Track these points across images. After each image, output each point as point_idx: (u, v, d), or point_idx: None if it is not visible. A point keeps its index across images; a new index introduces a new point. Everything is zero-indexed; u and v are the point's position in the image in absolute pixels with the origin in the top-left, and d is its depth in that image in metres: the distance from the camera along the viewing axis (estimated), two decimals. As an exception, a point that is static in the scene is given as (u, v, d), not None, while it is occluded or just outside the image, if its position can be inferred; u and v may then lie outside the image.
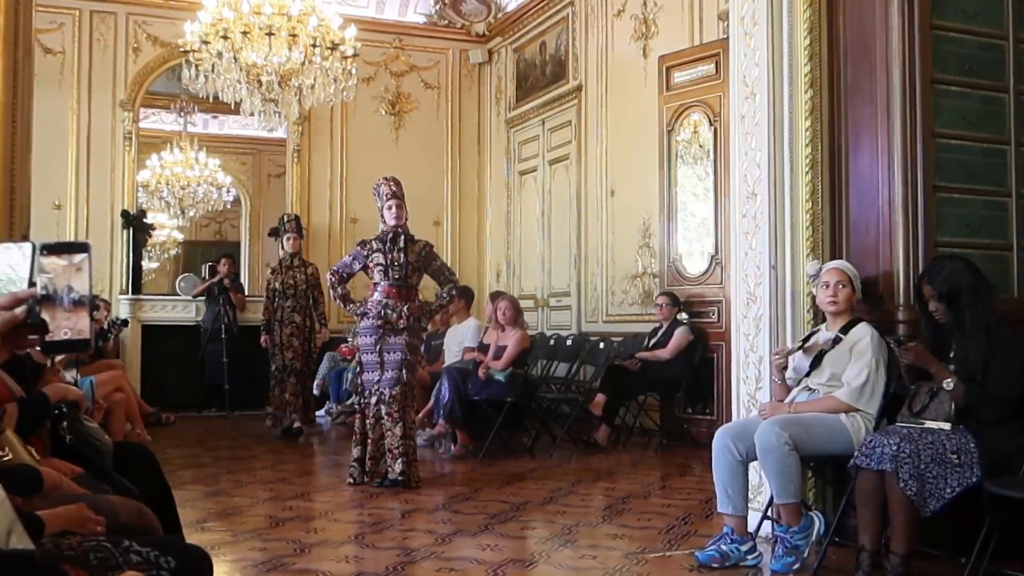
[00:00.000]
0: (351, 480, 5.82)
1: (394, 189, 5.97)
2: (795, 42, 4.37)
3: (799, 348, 4.07)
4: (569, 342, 9.00)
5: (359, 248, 6.05)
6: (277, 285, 8.45)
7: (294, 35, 7.46)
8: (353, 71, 8.06)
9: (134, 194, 10.71)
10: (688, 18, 8.50)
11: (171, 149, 11.91)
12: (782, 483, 3.72)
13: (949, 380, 3.52)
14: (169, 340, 10.45)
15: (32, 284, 1.48)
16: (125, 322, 9.71)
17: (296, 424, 8.27)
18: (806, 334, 4.19)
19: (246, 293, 11.23)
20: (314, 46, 7.56)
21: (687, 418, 7.85)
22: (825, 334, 4.07)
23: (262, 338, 8.46)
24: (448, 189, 11.79)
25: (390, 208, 5.91)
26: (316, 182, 11.31)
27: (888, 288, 4.13)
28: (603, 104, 9.79)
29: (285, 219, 8.79)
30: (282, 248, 8.75)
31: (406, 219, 6.01)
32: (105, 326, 9.00)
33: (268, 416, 8.50)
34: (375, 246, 5.95)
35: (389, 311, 5.82)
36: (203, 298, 10.61)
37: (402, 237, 5.93)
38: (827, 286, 4.00)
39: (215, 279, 10.42)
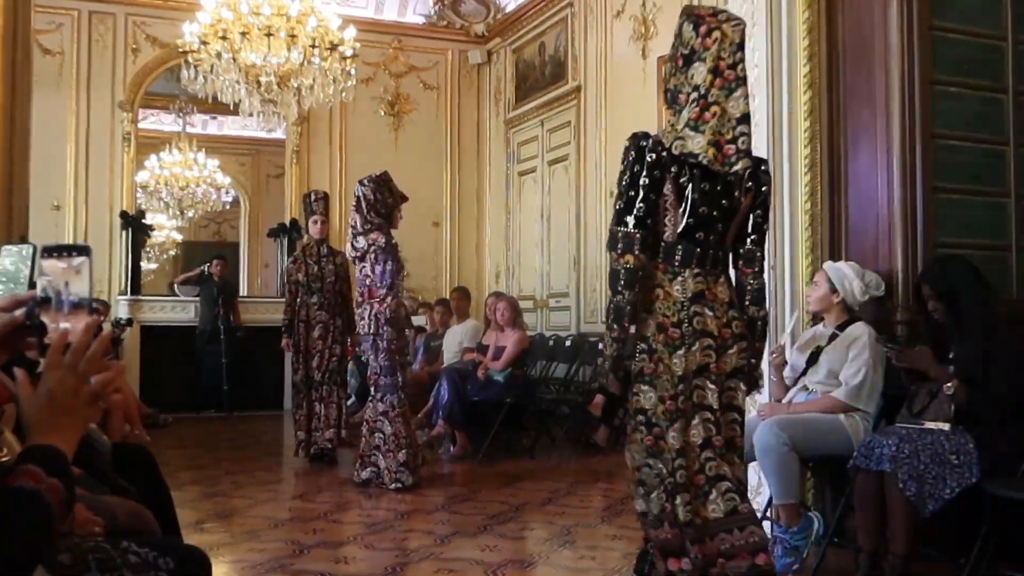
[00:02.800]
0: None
1: None
2: (794, 43, 4.36)
3: (791, 341, 4.09)
4: (568, 343, 9.00)
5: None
6: (300, 277, 6.99)
7: (293, 36, 7.46)
8: (352, 72, 8.06)
9: (133, 195, 10.71)
10: (687, 19, 8.49)
11: (170, 150, 11.92)
12: (781, 484, 3.72)
13: (950, 385, 3.51)
14: (168, 341, 10.45)
15: (32, 286, 1.49)
16: (129, 321, 9.69)
17: (328, 447, 6.86)
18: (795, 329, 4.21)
19: (242, 294, 11.24)
20: (313, 47, 7.56)
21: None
22: (821, 330, 4.07)
23: (283, 340, 7.14)
24: (447, 190, 11.79)
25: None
26: (315, 183, 11.27)
27: (887, 289, 4.12)
28: (602, 105, 9.79)
29: (313, 197, 7.24)
30: (306, 232, 7.45)
31: None
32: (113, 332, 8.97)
33: (299, 446, 6.98)
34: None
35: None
36: (196, 297, 10.60)
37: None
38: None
39: (200, 270, 10.46)
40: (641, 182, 2.91)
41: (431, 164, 11.65)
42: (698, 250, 2.93)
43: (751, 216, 3.06)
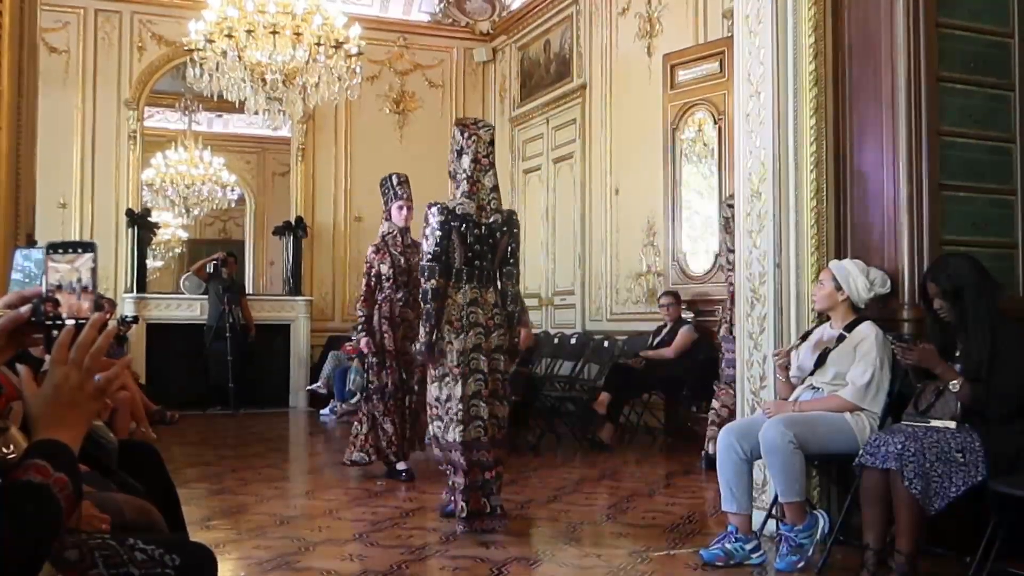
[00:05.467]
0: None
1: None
2: (800, 40, 4.36)
3: (798, 344, 4.08)
4: (573, 340, 9.01)
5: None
6: (384, 270, 6.09)
7: (298, 33, 7.47)
8: (357, 69, 8.07)
9: (139, 193, 10.74)
10: (692, 16, 8.49)
11: (176, 148, 11.92)
12: (787, 482, 3.72)
13: (955, 382, 3.50)
14: (174, 339, 10.47)
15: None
16: (135, 319, 9.69)
17: (401, 466, 6.00)
18: (806, 330, 4.20)
19: (248, 292, 11.25)
20: (318, 44, 7.57)
21: (691, 416, 7.85)
22: (828, 331, 4.06)
23: (362, 341, 6.08)
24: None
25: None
26: (320, 180, 11.33)
27: (893, 286, 4.12)
28: (607, 102, 9.78)
29: (395, 180, 6.20)
30: (387, 218, 6.24)
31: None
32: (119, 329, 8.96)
33: (390, 453, 6.02)
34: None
35: None
36: (203, 295, 10.61)
37: None
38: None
39: (212, 258, 10.46)
40: (435, 235, 4.48)
41: (436, 162, 11.57)
42: (476, 272, 4.55)
43: (508, 248, 4.67)
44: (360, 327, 6.11)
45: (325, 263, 11.30)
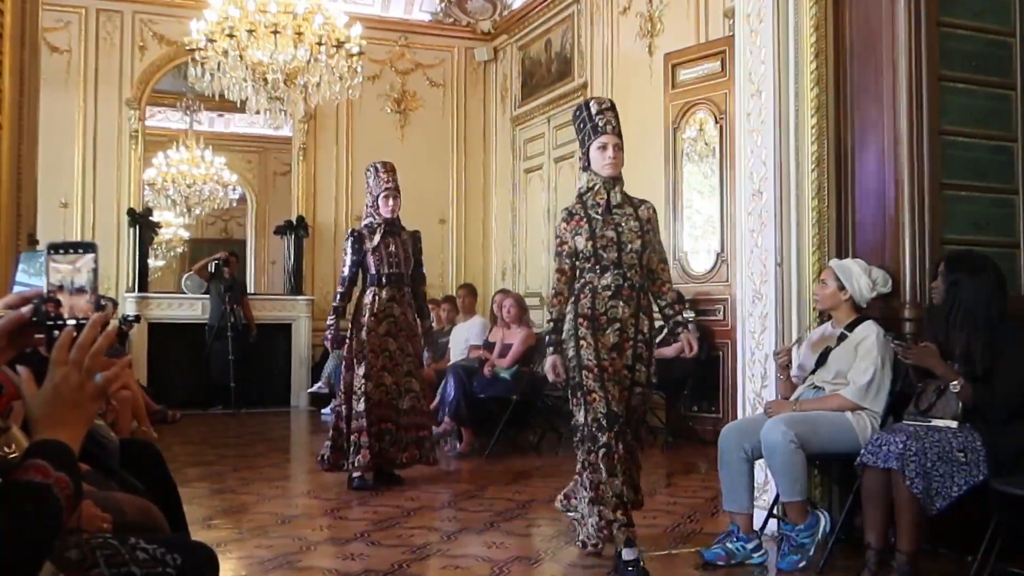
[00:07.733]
0: None
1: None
2: (801, 39, 4.36)
3: (796, 342, 4.08)
4: (575, 340, 8.96)
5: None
6: (581, 243, 3.95)
7: (300, 33, 7.47)
8: (359, 69, 8.07)
9: (140, 192, 10.73)
10: (694, 15, 8.48)
11: (177, 147, 11.92)
12: (788, 481, 3.72)
13: (956, 383, 3.50)
14: (175, 338, 10.47)
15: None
16: (137, 318, 9.68)
17: (622, 527, 3.78)
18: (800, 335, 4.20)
19: (250, 291, 11.25)
20: (320, 44, 7.56)
21: (693, 416, 7.84)
22: (830, 330, 4.06)
23: (548, 361, 4.13)
24: (453, 187, 11.79)
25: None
26: (322, 180, 11.32)
27: (894, 285, 4.11)
28: (609, 102, 9.77)
29: (593, 108, 3.99)
30: (585, 166, 4.05)
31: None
32: (121, 328, 8.97)
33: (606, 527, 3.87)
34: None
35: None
36: (205, 295, 10.60)
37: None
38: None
39: (214, 258, 10.45)
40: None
41: (437, 161, 11.65)
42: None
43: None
44: (550, 337, 4.05)
45: (326, 262, 11.30)
